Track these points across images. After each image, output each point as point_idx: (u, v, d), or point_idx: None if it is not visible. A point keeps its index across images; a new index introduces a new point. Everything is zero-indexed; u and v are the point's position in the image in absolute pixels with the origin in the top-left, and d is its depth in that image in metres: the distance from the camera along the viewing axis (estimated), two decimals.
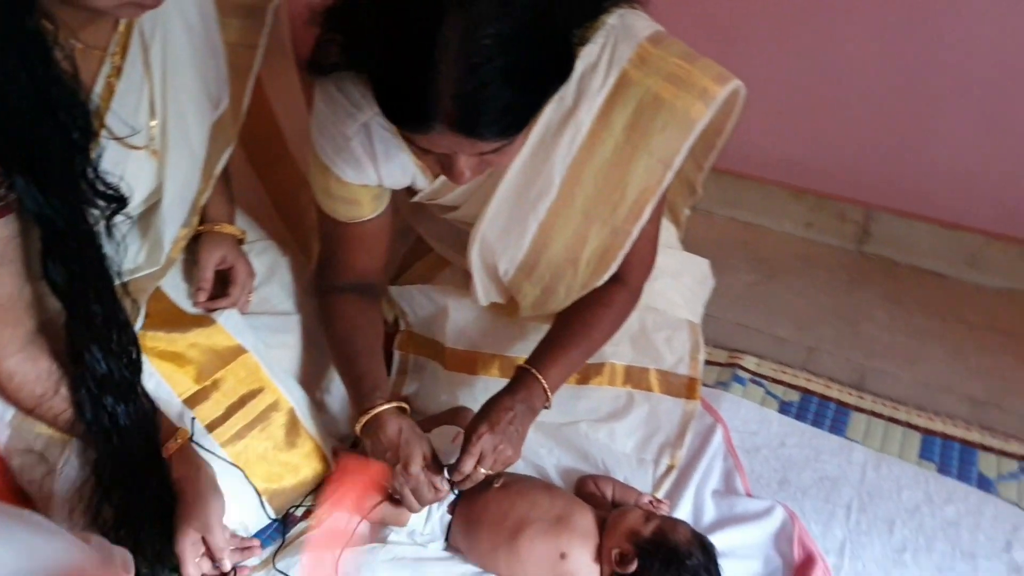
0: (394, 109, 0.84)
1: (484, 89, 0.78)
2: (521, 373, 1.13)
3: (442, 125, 0.80)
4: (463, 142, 0.83)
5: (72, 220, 0.81)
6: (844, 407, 1.43)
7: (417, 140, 0.86)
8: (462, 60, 0.76)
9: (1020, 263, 1.71)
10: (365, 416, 1.09)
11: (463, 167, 0.89)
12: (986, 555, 1.17)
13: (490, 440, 1.05)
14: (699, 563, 1.03)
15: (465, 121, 0.80)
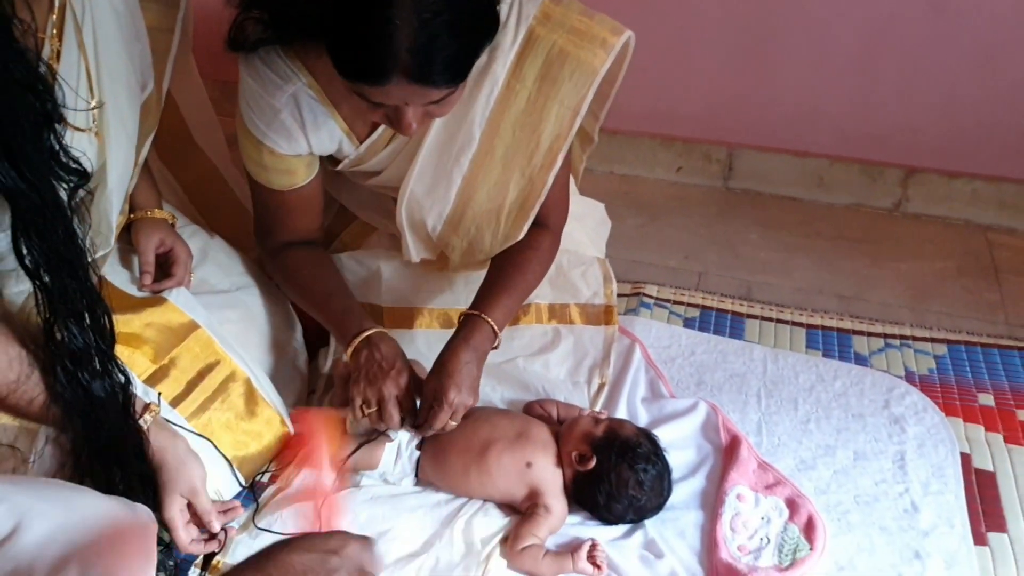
0: (353, 66, 0.91)
1: (435, 40, 0.87)
2: (468, 319, 1.21)
3: (399, 76, 0.89)
4: (417, 91, 0.92)
5: (45, 194, 0.83)
6: (738, 316, 1.62)
7: (372, 94, 0.94)
8: (414, 17, 0.86)
9: (860, 180, 1.98)
10: (358, 338, 1.16)
11: (411, 119, 0.98)
12: (871, 414, 1.38)
13: (458, 398, 1.13)
14: (648, 450, 1.17)
15: (420, 70, 0.89)
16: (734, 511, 1.18)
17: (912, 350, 1.53)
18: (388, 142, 1.21)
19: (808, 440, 1.33)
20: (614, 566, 1.11)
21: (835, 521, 1.19)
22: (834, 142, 1.95)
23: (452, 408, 1.14)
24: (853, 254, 1.84)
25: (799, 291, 1.72)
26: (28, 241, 0.85)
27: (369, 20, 0.86)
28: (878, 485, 1.25)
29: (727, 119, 2.00)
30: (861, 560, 1.13)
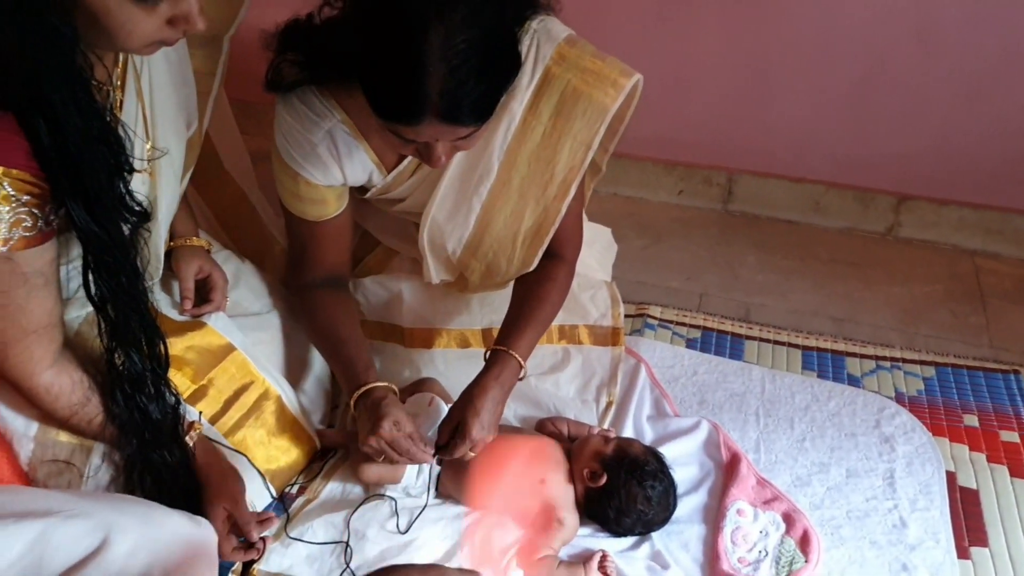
0: (388, 108, 0.99)
1: (463, 85, 0.96)
2: (497, 355, 1.27)
3: (430, 117, 0.97)
4: (446, 130, 1.00)
5: (114, 235, 0.91)
6: (737, 337, 1.71)
7: (405, 132, 1.01)
8: (443, 63, 0.94)
9: (854, 205, 2.07)
10: (359, 391, 1.22)
11: (440, 153, 1.06)
12: (863, 433, 1.46)
13: (479, 432, 1.20)
14: (656, 468, 1.25)
15: (449, 112, 0.97)
16: (735, 525, 1.27)
17: (902, 372, 1.62)
18: (413, 172, 1.29)
19: (803, 458, 1.42)
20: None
21: (828, 535, 1.27)
22: (829, 169, 2.04)
23: (473, 443, 1.20)
24: (847, 277, 1.93)
25: (795, 313, 1.81)
26: (97, 276, 0.93)
27: (402, 67, 0.95)
28: (869, 501, 1.33)
29: (727, 145, 2.09)
30: (852, 572, 1.22)
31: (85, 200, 0.87)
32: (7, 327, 0.93)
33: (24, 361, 0.97)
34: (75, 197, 0.86)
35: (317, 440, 1.36)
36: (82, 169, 0.85)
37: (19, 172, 0.83)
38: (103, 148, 0.87)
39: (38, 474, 1.09)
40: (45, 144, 0.83)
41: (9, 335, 0.94)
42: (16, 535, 0.76)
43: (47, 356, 0.99)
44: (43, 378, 1.00)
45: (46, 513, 0.79)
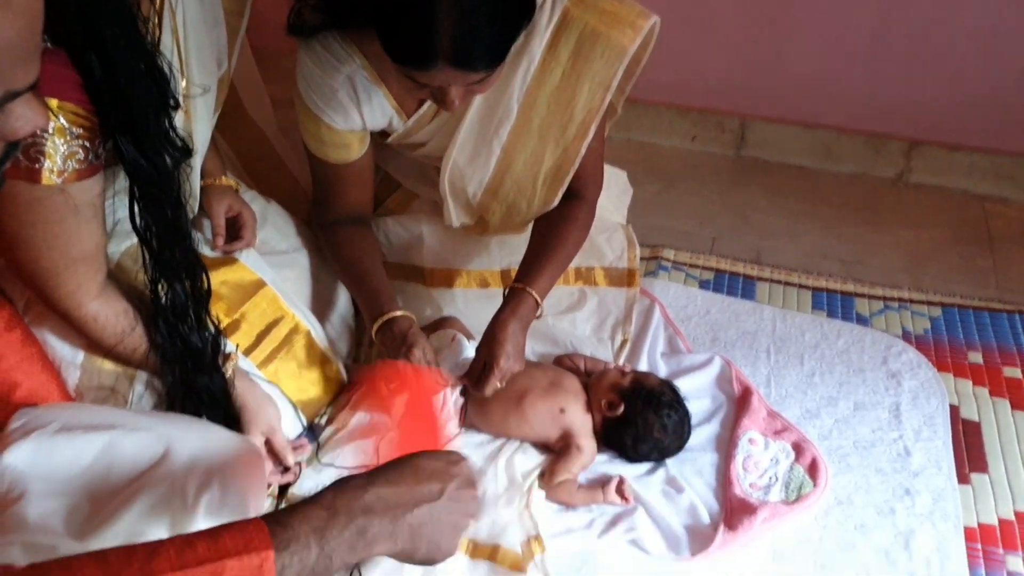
0: (401, 52, 1.02)
1: (475, 30, 0.98)
2: (514, 292, 1.31)
3: (443, 62, 1.00)
4: (459, 75, 1.03)
5: (161, 169, 0.95)
6: (749, 279, 1.75)
7: (418, 76, 1.05)
8: (456, 8, 0.96)
9: (865, 151, 2.09)
10: (380, 319, 1.28)
11: (454, 97, 1.09)
12: (871, 369, 1.51)
13: (507, 364, 1.24)
14: (671, 398, 1.31)
15: (462, 57, 1.00)
16: (746, 453, 1.32)
17: (909, 312, 1.66)
18: (433, 116, 1.32)
19: (813, 392, 1.47)
20: (639, 499, 1.25)
21: (836, 463, 1.33)
22: (842, 115, 2.05)
23: (502, 372, 1.25)
24: (856, 221, 1.96)
25: (805, 256, 1.84)
26: (142, 209, 0.97)
27: (414, 12, 0.97)
28: (875, 432, 1.39)
29: (740, 91, 2.10)
30: (858, 496, 1.28)
31: (133, 134, 0.90)
32: (58, 256, 0.97)
33: (73, 290, 1.01)
34: (124, 131, 0.90)
35: (345, 374, 1.42)
36: (131, 103, 0.88)
37: (73, 106, 0.87)
38: (150, 83, 0.90)
39: (85, 399, 1.14)
40: (96, 79, 0.86)
41: (60, 264, 0.98)
42: (87, 444, 0.82)
43: (94, 286, 1.04)
44: (91, 307, 1.04)
45: (111, 426, 0.84)
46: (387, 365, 1.26)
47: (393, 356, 1.24)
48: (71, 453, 0.81)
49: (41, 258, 0.97)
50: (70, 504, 0.78)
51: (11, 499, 0.74)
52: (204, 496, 0.82)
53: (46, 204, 0.92)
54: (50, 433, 0.82)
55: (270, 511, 0.71)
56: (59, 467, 0.80)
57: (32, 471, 0.78)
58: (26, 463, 0.79)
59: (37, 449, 0.80)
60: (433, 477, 0.76)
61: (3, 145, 0.62)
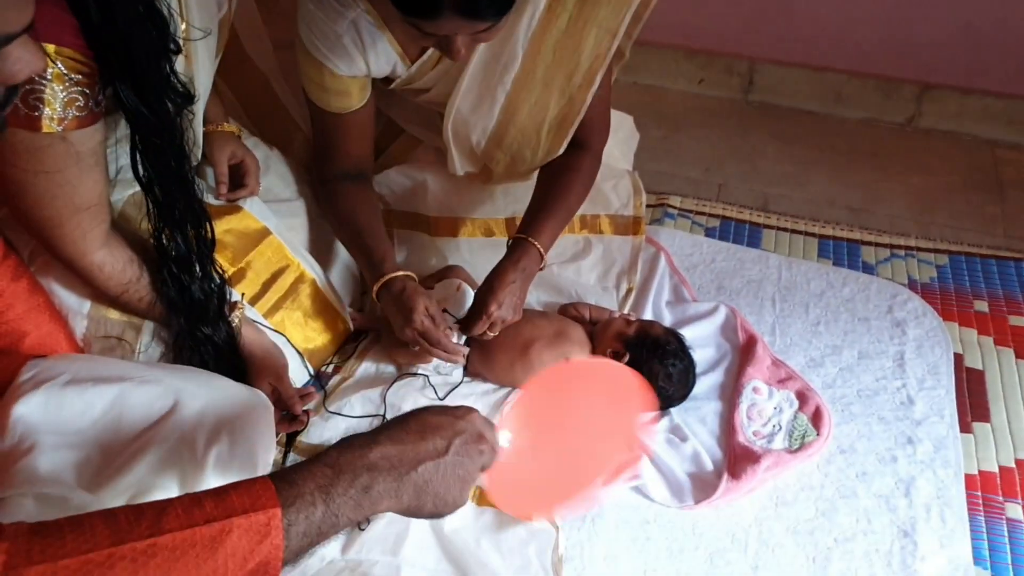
0: (408, 2, 0.99)
1: None
2: (517, 243, 1.30)
3: (449, 11, 0.97)
4: (465, 24, 1.00)
5: (162, 116, 0.93)
6: (755, 226, 1.74)
7: (424, 26, 1.01)
8: None
9: (875, 96, 2.06)
10: (379, 282, 1.26)
11: (459, 46, 1.06)
12: (876, 318, 1.51)
13: (497, 314, 1.24)
14: (676, 347, 1.31)
15: (468, 6, 0.97)
16: (750, 402, 1.33)
17: (916, 260, 1.66)
18: (437, 62, 1.29)
19: (817, 341, 1.47)
20: (643, 447, 1.26)
21: (839, 412, 1.34)
22: (853, 58, 2.01)
23: (490, 319, 1.24)
24: (865, 168, 1.94)
25: (812, 203, 1.83)
26: (144, 158, 0.96)
27: None
28: (878, 381, 1.40)
29: (750, 33, 2.06)
30: (861, 444, 1.29)
31: (133, 80, 0.88)
32: (62, 206, 0.96)
33: (78, 239, 1.00)
34: (123, 77, 0.88)
35: (350, 322, 1.42)
36: (130, 48, 0.86)
37: (70, 51, 0.85)
38: (149, 27, 0.87)
39: (92, 349, 1.14)
40: (94, 22, 0.84)
41: (64, 213, 0.97)
42: (96, 396, 0.82)
43: (99, 234, 1.03)
44: (96, 256, 1.03)
45: (120, 379, 0.85)
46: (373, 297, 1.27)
47: (396, 321, 1.24)
48: (81, 405, 0.82)
49: (44, 207, 0.96)
50: (81, 456, 0.79)
51: (22, 451, 0.75)
52: (213, 448, 0.83)
53: (47, 152, 0.90)
54: (60, 385, 0.82)
55: (276, 470, 0.71)
56: (69, 419, 0.80)
57: (42, 423, 0.79)
58: (36, 415, 0.79)
59: (47, 401, 0.81)
60: (438, 432, 0.76)
61: (2, 90, 0.61)
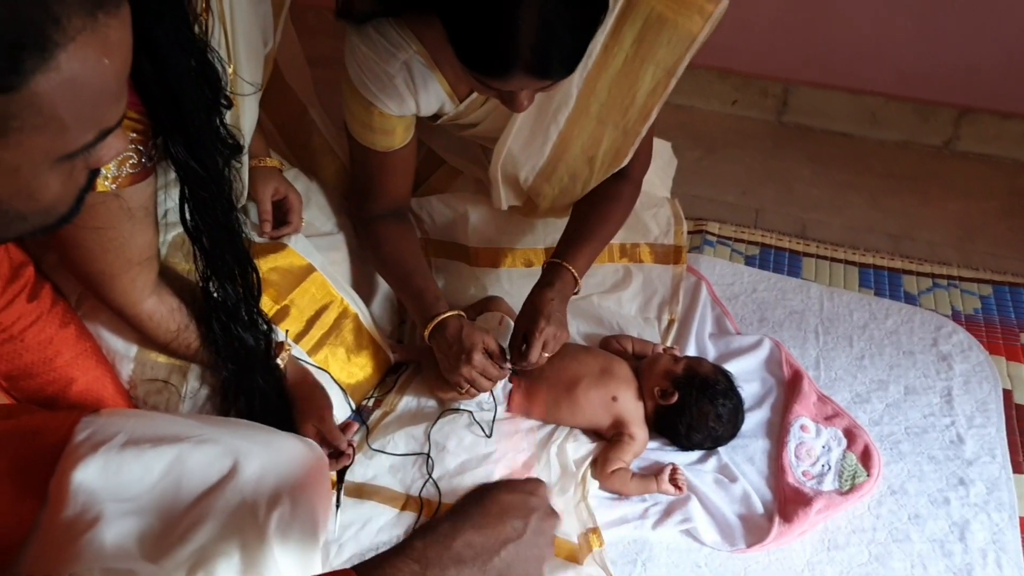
0: (476, 60, 0.96)
1: (556, 39, 0.93)
2: (552, 267, 1.29)
3: (520, 71, 0.94)
4: (535, 82, 0.98)
5: (211, 169, 0.91)
6: (795, 254, 1.72)
7: (490, 82, 0.99)
8: (538, 16, 0.90)
9: (913, 118, 2.03)
10: (431, 323, 1.24)
11: (523, 99, 1.04)
12: (921, 351, 1.49)
13: (549, 330, 1.22)
14: (726, 386, 1.29)
15: (540, 66, 0.95)
16: (798, 440, 1.31)
17: (959, 290, 1.63)
18: (485, 101, 1.28)
19: (863, 375, 1.45)
20: (692, 488, 1.24)
21: (888, 450, 1.32)
22: (891, 80, 1.99)
23: (543, 338, 1.22)
24: (902, 192, 1.91)
25: (850, 229, 1.81)
26: (193, 209, 0.94)
27: (493, 21, 0.91)
28: (927, 418, 1.37)
29: (786, 54, 2.03)
30: (911, 485, 1.27)
31: (185, 136, 0.87)
32: (113, 259, 0.95)
33: (128, 290, 1.00)
34: (175, 133, 0.86)
35: (391, 355, 1.40)
36: (182, 104, 0.85)
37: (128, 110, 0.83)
38: (202, 83, 0.86)
39: (138, 391, 1.14)
40: (148, 80, 0.82)
41: (116, 267, 0.96)
42: (155, 458, 0.80)
43: (148, 284, 1.02)
44: (146, 305, 1.03)
45: (177, 438, 0.83)
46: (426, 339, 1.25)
47: (453, 362, 1.22)
48: (139, 468, 0.80)
49: (96, 261, 0.95)
50: (142, 523, 0.77)
51: (87, 522, 0.73)
52: (275, 513, 0.81)
53: (100, 210, 0.89)
54: (117, 447, 0.81)
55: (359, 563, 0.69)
56: (128, 484, 0.79)
57: (103, 489, 0.77)
58: (96, 481, 0.78)
59: (106, 465, 0.79)
60: (515, 513, 0.75)
61: (87, 172, 0.60)
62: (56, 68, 0.49)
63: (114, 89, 0.54)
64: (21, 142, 0.50)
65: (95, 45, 0.51)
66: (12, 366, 1.01)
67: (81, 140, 0.54)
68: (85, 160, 0.57)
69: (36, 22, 0.47)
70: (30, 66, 0.48)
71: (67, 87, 0.50)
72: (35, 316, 1.01)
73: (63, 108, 0.51)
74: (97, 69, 0.51)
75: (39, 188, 0.55)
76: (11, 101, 0.48)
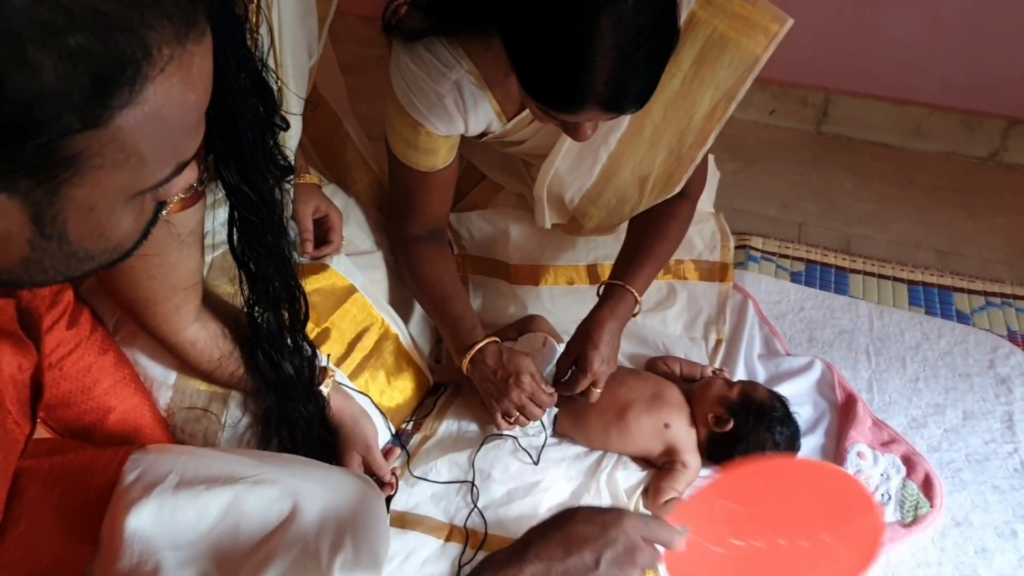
0: (548, 95, 0.91)
1: (631, 75, 0.88)
2: (612, 289, 1.24)
3: (592, 106, 0.89)
4: (605, 116, 0.94)
5: (264, 194, 0.87)
6: (842, 271, 1.67)
7: (558, 115, 0.95)
8: (615, 52, 0.85)
9: (958, 129, 1.98)
10: (470, 352, 1.20)
11: (588, 129, 0.99)
12: (977, 374, 1.44)
13: (599, 365, 1.18)
14: (782, 413, 1.24)
15: (613, 102, 0.90)
16: (855, 468, 1.26)
17: (1014, 309, 1.58)
18: (532, 120, 1.22)
19: (918, 399, 1.40)
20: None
21: (949, 479, 1.26)
22: (936, 91, 1.93)
23: (594, 376, 1.18)
24: (948, 205, 1.86)
25: (897, 244, 1.75)
26: (242, 235, 0.90)
27: (568, 57, 0.86)
28: (987, 444, 1.32)
29: (827, 64, 1.98)
30: (976, 517, 1.22)
31: (238, 159, 0.82)
32: (158, 286, 0.91)
33: (172, 318, 0.96)
34: (228, 156, 0.82)
35: (431, 376, 1.36)
36: (237, 126, 0.80)
37: None
38: (256, 102, 0.81)
39: (176, 419, 1.09)
40: None
41: (160, 294, 0.92)
42: (211, 501, 0.76)
43: (192, 311, 0.98)
44: (189, 332, 0.98)
45: (232, 479, 0.79)
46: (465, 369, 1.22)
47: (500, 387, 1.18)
48: (194, 513, 0.76)
49: (141, 288, 0.91)
50: (199, 570, 0.73)
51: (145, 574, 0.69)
52: (338, 557, 0.77)
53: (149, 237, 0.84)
54: (170, 490, 0.76)
55: None
56: (184, 530, 0.74)
57: (158, 536, 0.73)
58: (151, 527, 0.73)
59: (160, 509, 0.75)
60: (586, 545, 0.71)
61: (155, 205, 0.55)
62: (143, 102, 0.45)
63: (194, 121, 0.50)
64: (99, 180, 0.46)
65: (181, 76, 0.47)
66: (50, 395, 0.97)
67: (159, 176, 0.50)
68: (155, 194, 0.53)
69: (129, 54, 0.43)
70: (118, 102, 0.44)
71: (151, 121, 0.46)
72: (74, 343, 0.97)
73: (145, 144, 0.47)
74: (181, 101, 0.47)
75: (112, 226, 0.51)
76: (94, 138, 0.44)
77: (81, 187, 0.46)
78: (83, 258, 0.51)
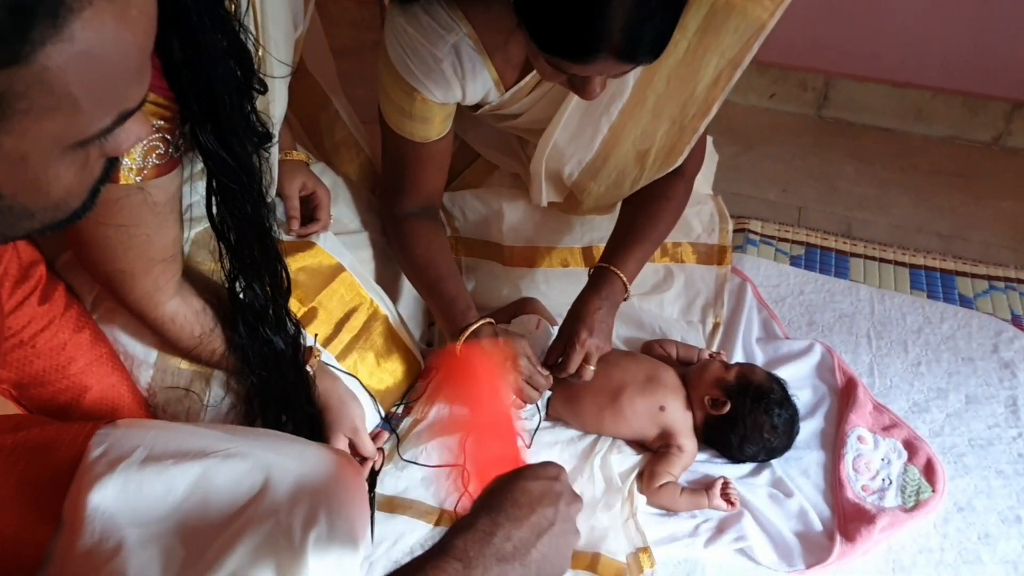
0: (559, 43, 0.87)
1: (649, 19, 0.84)
2: (600, 272, 1.21)
3: (606, 55, 0.85)
4: (618, 67, 0.89)
5: (242, 159, 0.83)
6: (842, 255, 1.63)
7: (569, 67, 0.90)
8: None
9: (960, 113, 1.94)
10: (464, 333, 1.17)
11: (596, 86, 0.95)
12: (980, 358, 1.41)
13: (591, 342, 1.15)
14: (780, 396, 1.21)
15: (629, 50, 0.85)
16: (855, 452, 1.23)
17: (1017, 293, 1.55)
18: (532, 89, 1.19)
19: (920, 383, 1.37)
20: (745, 503, 1.16)
21: (951, 464, 1.24)
22: (939, 74, 1.90)
23: (584, 349, 1.15)
24: (950, 190, 1.83)
25: (898, 228, 1.72)
26: (221, 202, 0.87)
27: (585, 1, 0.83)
28: (991, 429, 1.29)
29: (828, 47, 1.95)
30: (980, 502, 1.19)
31: (215, 123, 0.79)
32: (135, 258, 0.88)
33: (151, 292, 0.92)
34: (205, 120, 0.79)
35: (421, 359, 1.33)
36: (214, 88, 0.77)
37: (154, 95, 0.76)
38: (234, 64, 0.78)
39: (157, 399, 1.07)
40: (177, 61, 0.74)
41: (138, 266, 0.89)
42: (179, 476, 0.73)
43: (172, 285, 0.95)
44: (168, 307, 0.95)
45: (201, 453, 0.76)
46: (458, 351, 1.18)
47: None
48: (161, 487, 0.73)
49: (116, 260, 0.87)
50: (166, 550, 0.70)
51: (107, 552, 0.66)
52: (312, 532, 0.74)
53: (123, 204, 0.82)
54: (136, 464, 0.73)
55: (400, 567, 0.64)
56: (150, 506, 0.71)
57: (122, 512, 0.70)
58: (114, 503, 0.70)
59: (125, 485, 0.72)
60: (544, 501, 0.71)
61: (103, 161, 0.52)
62: (69, 39, 0.41)
63: (135, 64, 0.47)
64: (28, 126, 0.43)
65: (114, 13, 0.43)
66: (22, 374, 0.94)
67: (97, 124, 0.46)
68: (101, 148, 0.50)
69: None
70: (39, 35, 0.40)
71: (82, 61, 0.42)
72: (47, 320, 0.94)
73: (77, 86, 0.43)
74: (116, 41, 0.44)
75: (49, 180, 0.47)
76: (16, 77, 0.40)
77: (9, 134, 0.42)
78: (20, 214, 0.48)
